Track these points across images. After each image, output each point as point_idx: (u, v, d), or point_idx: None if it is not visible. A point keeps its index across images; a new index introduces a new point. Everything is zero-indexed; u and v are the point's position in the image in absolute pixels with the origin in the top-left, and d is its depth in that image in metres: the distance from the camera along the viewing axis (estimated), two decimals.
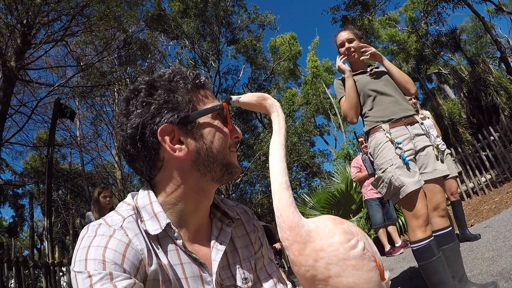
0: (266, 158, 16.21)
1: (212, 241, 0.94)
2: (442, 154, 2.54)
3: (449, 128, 13.56)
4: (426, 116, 4.70)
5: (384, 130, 2.41)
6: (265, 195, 20.26)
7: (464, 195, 8.18)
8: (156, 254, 0.82)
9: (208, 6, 18.35)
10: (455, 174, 4.49)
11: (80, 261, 0.74)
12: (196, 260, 0.87)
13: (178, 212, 0.89)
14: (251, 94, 1.06)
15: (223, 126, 0.92)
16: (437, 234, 2.32)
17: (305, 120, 21.68)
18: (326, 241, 0.85)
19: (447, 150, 4.40)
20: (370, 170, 2.58)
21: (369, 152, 2.56)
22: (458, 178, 5.67)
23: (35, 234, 22.13)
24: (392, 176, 2.28)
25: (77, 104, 17.50)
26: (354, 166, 6.08)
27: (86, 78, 12.75)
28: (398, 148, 2.33)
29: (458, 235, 4.47)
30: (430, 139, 2.48)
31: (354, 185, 7.52)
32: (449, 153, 4.52)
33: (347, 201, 7.83)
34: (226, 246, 0.94)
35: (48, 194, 9.25)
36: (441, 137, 4.58)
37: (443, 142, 4.41)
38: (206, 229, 0.96)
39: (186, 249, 0.86)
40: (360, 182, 6.08)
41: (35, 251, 19.58)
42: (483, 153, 8.32)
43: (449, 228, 2.38)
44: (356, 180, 6.12)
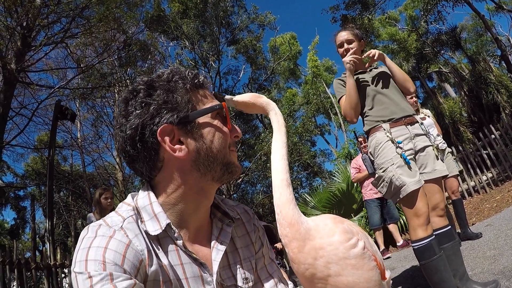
0: (267, 158, 16.20)
1: (212, 241, 0.94)
2: (442, 154, 2.55)
3: (450, 126, 13.55)
4: (426, 115, 4.69)
5: (384, 130, 2.41)
6: (266, 195, 20.23)
7: (465, 194, 8.17)
8: (156, 255, 0.82)
9: (207, 7, 18.35)
10: (456, 172, 4.48)
11: (80, 262, 0.74)
12: (196, 260, 0.87)
13: (178, 212, 0.89)
14: (245, 94, 1.06)
15: (223, 125, 0.92)
16: (436, 233, 2.32)
17: (305, 119, 21.68)
18: (326, 239, 0.85)
19: (448, 149, 4.40)
20: (370, 169, 2.58)
21: (369, 151, 2.56)
22: (459, 177, 5.67)
23: (37, 236, 22.11)
24: (393, 175, 2.29)
25: (77, 105, 17.52)
26: (353, 167, 6.09)
27: (86, 79, 12.73)
28: (399, 147, 2.33)
29: (460, 234, 4.47)
30: (430, 139, 2.48)
31: (355, 184, 7.52)
32: (450, 151, 4.51)
33: (348, 200, 7.83)
34: (226, 246, 0.94)
35: (49, 196, 9.27)
36: (441, 135, 4.57)
37: (444, 141, 4.42)
38: (206, 229, 0.96)
39: (187, 249, 0.86)
40: (360, 182, 6.08)
41: (37, 253, 19.63)
42: (484, 151, 8.32)
43: (448, 227, 2.40)
44: (355, 180, 6.14)
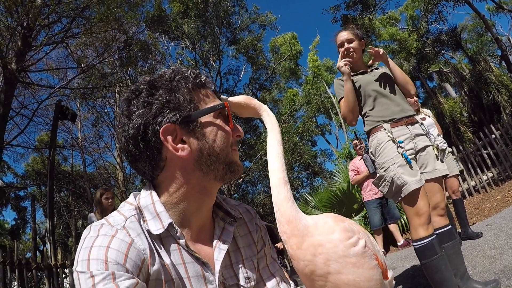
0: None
1: (214, 240, 0.94)
2: (442, 154, 2.55)
3: (450, 126, 13.52)
4: (427, 114, 4.68)
5: (385, 130, 2.41)
6: (267, 195, 20.21)
7: (465, 193, 8.16)
8: (158, 254, 0.82)
9: (208, 7, 18.37)
10: (457, 172, 4.48)
11: (82, 261, 0.74)
12: (198, 259, 0.87)
13: (181, 211, 0.89)
14: (239, 96, 1.08)
15: (225, 124, 0.92)
16: (437, 232, 2.33)
17: (306, 119, 21.67)
18: (325, 237, 0.86)
19: (449, 149, 4.40)
20: (371, 169, 2.58)
21: (370, 151, 2.57)
22: (459, 177, 5.66)
23: (38, 236, 22.09)
24: (394, 174, 2.29)
25: (78, 105, 17.55)
26: (351, 169, 6.03)
27: (87, 79, 12.74)
28: (400, 147, 2.34)
29: (460, 233, 4.47)
30: (430, 139, 2.49)
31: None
32: (450, 151, 4.51)
33: (349, 200, 7.83)
34: (228, 245, 0.94)
35: (50, 196, 9.27)
36: (442, 135, 4.57)
37: (444, 141, 4.42)
38: (208, 228, 0.96)
39: (189, 248, 0.86)
40: (359, 184, 6.05)
41: (38, 253, 19.62)
42: (485, 151, 8.32)
43: (448, 226, 2.40)
44: (354, 183, 6.08)
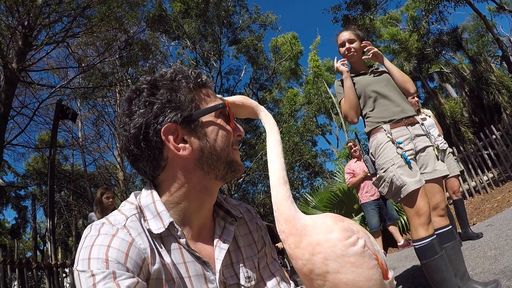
0: None
1: (215, 239, 0.94)
2: (442, 154, 2.56)
3: (451, 127, 13.52)
4: (427, 115, 4.68)
5: (385, 131, 2.42)
6: (267, 195, 20.20)
7: (466, 194, 8.17)
8: (159, 253, 0.82)
9: (209, 6, 18.37)
10: (457, 173, 4.48)
11: (83, 260, 0.74)
12: (199, 258, 0.87)
13: (182, 211, 0.89)
14: (236, 95, 1.08)
15: (226, 124, 0.93)
16: (437, 233, 2.33)
17: (307, 119, 21.67)
18: (323, 236, 0.86)
19: (449, 149, 4.40)
20: (372, 170, 2.59)
21: (370, 152, 2.58)
22: (460, 177, 5.66)
23: (38, 235, 22.11)
24: (393, 175, 2.30)
25: (78, 105, 17.58)
26: (347, 172, 6.00)
27: (87, 79, 12.73)
28: (399, 148, 2.34)
29: (460, 234, 4.47)
30: (430, 140, 2.49)
31: None
32: (451, 152, 4.51)
33: (349, 200, 7.83)
34: (229, 244, 0.94)
35: (50, 196, 9.28)
36: (442, 136, 4.57)
37: (445, 141, 4.42)
38: (209, 227, 0.96)
39: (190, 247, 0.86)
40: (355, 186, 6.02)
41: (38, 253, 19.62)
42: (485, 151, 8.32)
43: (449, 226, 2.41)
44: (350, 185, 6.04)
